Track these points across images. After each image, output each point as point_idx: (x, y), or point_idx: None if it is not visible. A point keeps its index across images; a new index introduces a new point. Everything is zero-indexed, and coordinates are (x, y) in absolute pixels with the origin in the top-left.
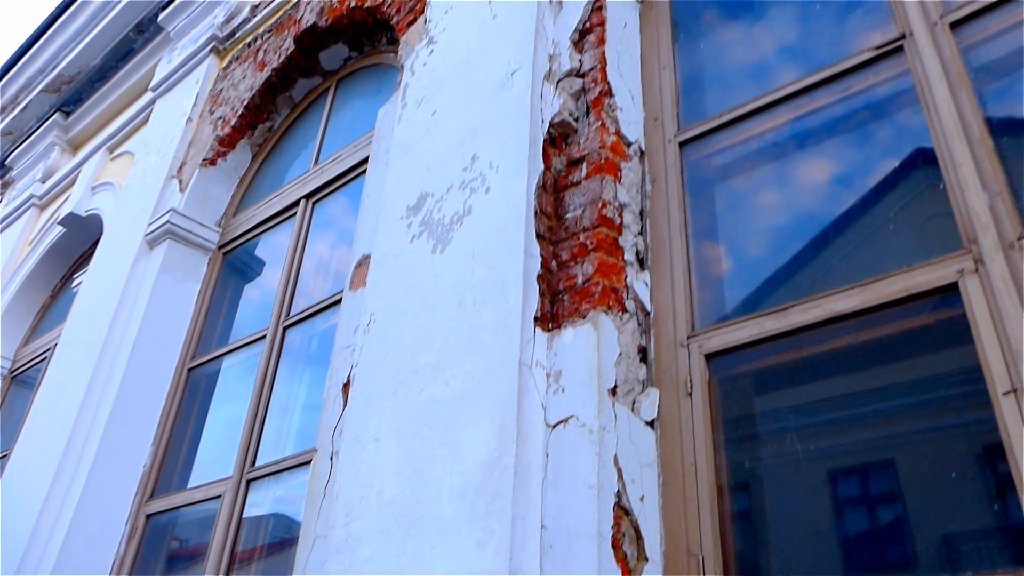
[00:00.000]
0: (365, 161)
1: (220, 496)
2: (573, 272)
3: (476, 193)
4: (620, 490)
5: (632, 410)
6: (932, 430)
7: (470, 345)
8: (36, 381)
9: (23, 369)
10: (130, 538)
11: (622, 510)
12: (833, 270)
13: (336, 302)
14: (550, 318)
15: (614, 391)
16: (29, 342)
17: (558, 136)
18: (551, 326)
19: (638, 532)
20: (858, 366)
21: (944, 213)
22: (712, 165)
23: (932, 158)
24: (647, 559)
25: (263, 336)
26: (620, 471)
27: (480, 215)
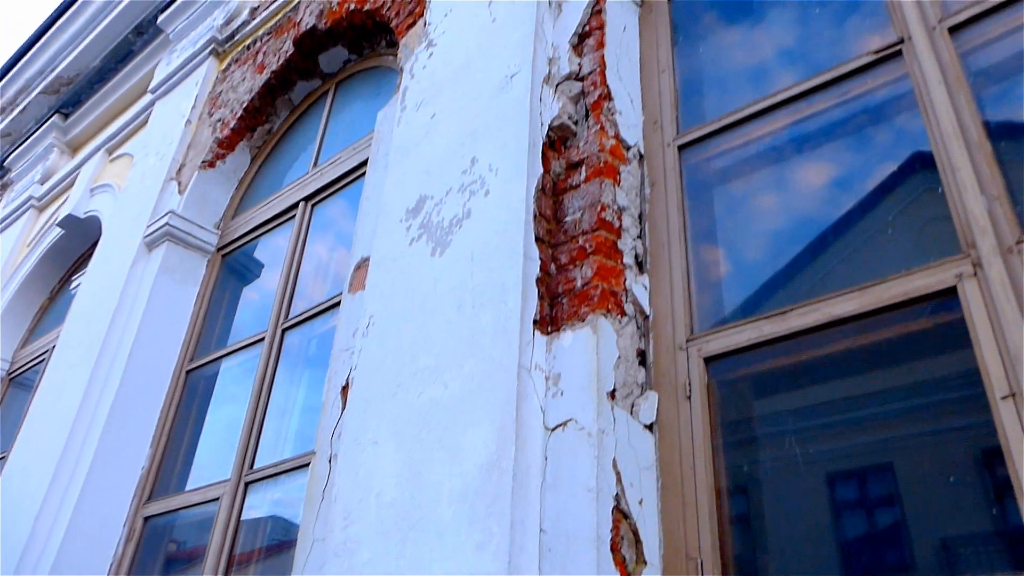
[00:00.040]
0: (364, 164)
1: (218, 499)
2: (572, 275)
3: (475, 196)
4: (619, 493)
5: (631, 413)
6: (931, 434)
7: (469, 348)
8: (34, 383)
9: (21, 371)
10: (128, 540)
11: (621, 513)
12: (832, 274)
13: (335, 304)
14: (549, 321)
15: (613, 394)
16: (27, 344)
17: (557, 139)
18: (550, 329)
19: (637, 536)
20: (857, 370)
21: (943, 217)
22: (711, 169)
23: (931, 162)
24: (646, 563)
25: (262, 338)
26: (619, 474)
27: (479, 218)
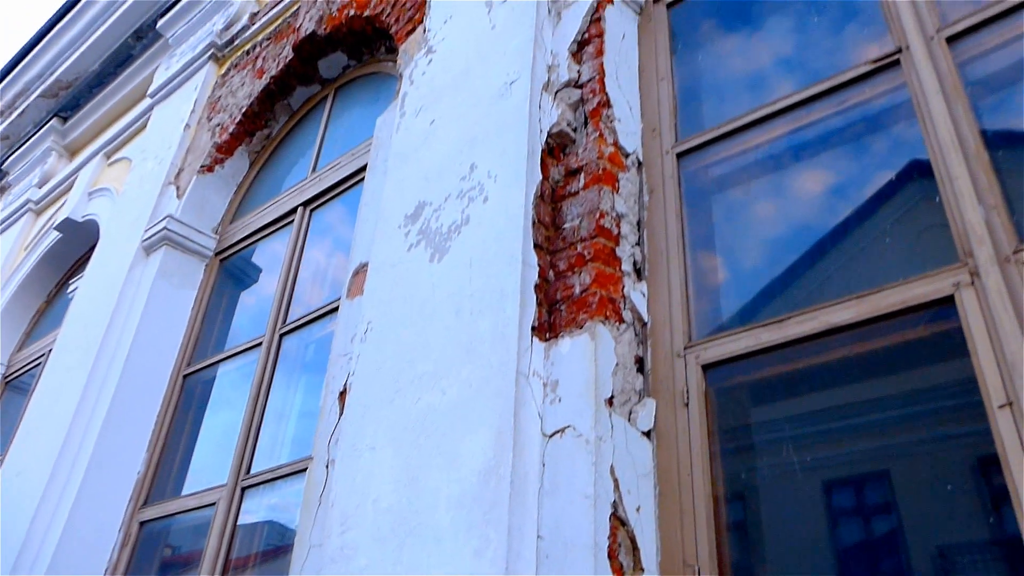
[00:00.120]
0: (363, 169)
1: (215, 503)
2: (570, 282)
3: (474, 202)
4: (616, 500)
5: (629, 420)
6: (928, 442)
7: (467, 354)
8: (30, 387)
9: (17, 374)
10: (123, 545)
11: (618, 520)
12: (829, 282)
13: (333, 310)
14: (547, 328)
15: (611, 401)
16: (24, 347)
17: (556, 146)
18: (548, 336)
19: (634, 542)
20: (854, 378)
21: (940, 226)
22: (709, 176)
23: (928, 171)
24: (643, 570)
25: (259, 343)
26: (616, 481)
27: (478, 224)
